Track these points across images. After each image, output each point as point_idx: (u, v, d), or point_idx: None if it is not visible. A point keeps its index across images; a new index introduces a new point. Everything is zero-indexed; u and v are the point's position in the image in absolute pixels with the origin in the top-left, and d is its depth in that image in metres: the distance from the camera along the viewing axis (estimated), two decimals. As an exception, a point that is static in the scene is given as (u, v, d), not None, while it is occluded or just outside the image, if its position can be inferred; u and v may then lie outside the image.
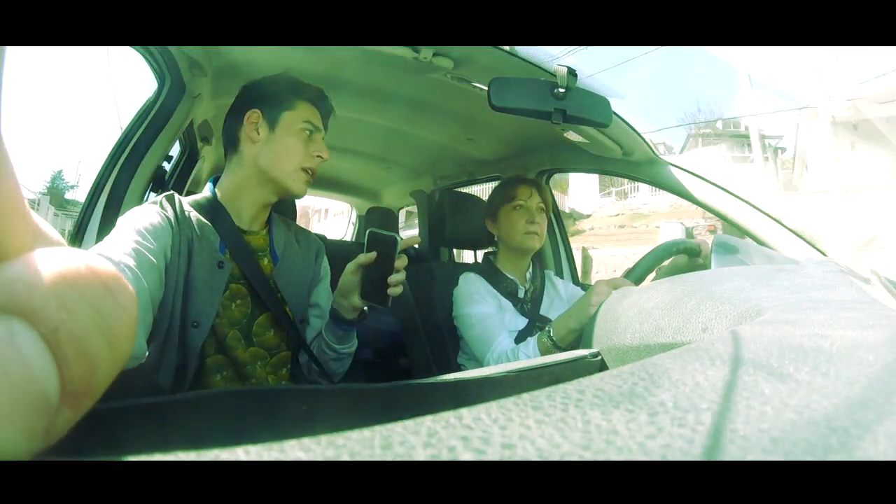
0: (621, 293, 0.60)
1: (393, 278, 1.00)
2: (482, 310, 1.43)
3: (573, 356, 0.54)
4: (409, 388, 0.40)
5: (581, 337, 0.63)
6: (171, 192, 1.09)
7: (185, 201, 1.07)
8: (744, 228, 1.34)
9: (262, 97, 1.11)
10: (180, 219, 1.01)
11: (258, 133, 1.09)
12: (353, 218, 3.96)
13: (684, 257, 1.17)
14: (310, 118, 1.11)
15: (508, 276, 1.54)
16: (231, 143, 1.13)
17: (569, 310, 1.18)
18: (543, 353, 1.19)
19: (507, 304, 1.49)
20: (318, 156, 1.11)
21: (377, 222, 3.03)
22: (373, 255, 1.00)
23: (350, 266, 1.02)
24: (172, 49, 1.20)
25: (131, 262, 0.82)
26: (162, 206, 1.01)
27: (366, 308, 1.08)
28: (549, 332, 1.17)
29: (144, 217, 0.96)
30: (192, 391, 0.96)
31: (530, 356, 1.23)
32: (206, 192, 1.13)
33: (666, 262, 1.21)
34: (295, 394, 0.37)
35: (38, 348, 0.13)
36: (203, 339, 1.00)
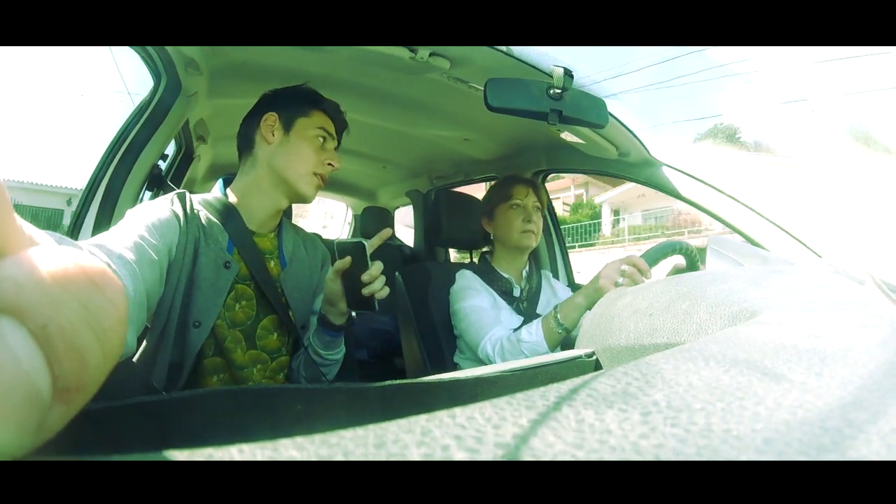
0: (616, 293, 0.60)
1: (369, 287, 0.99)
2: (476, 302, 1.45)
3: (568, 356, 0.54)
4: (404, 388, 0.40)
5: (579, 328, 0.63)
6: (183, 190, 1.10)
7: (196, 200, 1.08)
8: (738, 229, 1.34)
9: (280, 103, 1.13)
10: (189, 217, 1.01)
11: (273, 135, 1.11)
12: (349, 217, 3.96)
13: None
14: (324, 125, 1.13)
15: (504, 274, 1.55)
16: (246, 145, 1.14)
17: (579, 290, 1.20)
18: (547, 333, 1.23)
19: (503, 302, 1.50)
20: (329, 163, 1.12)
21: (373, 222, 3.03)
22: (347, 260, 0.99)
23: (329, 275, 1.02)
24: (168, 47, 1.20)
25: (131, 257, 0.81)
26: (172, 203, 1.02)
27: (354, 314, 1.08)
28: (556, 311, 1.19)
29: (153, 213, 0.96)
30: (187, 390, 0.96)
31: (533, 336, 1.24)
32: (216, 191, 1.14)
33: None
34: (291, 393, 0.37)
35: (27, 345, 0.14)
36: (204, 340, 1.00)
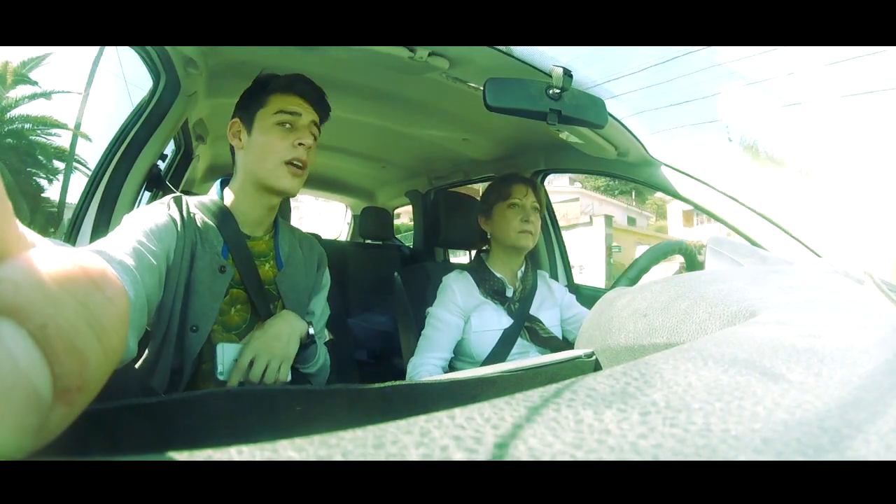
0: (615, 293, 0.60)
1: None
2: (442, 316, 1.46)
3: (568, 356, 0.54)
4: (404, 389, 0.40)
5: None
6: (179, 193, 1.09)
7: (192, 203, 1.08)
8: (737, 229, 1.34)
9: (241, 105, 1.13)
10: (186, 221, 1.01)
11: (240, 140, 1.10)
12: (349, 217, 3.96)
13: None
14: (283, 108, 1.09)
15: (497, 274, 1.54)
16: (231, 155, 1.15)
17: None
18: None
19: (489, 304, 1.49)
20: (299, 144, 1.08)
21: (372, 222, 3.03)
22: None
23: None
24: (168, 47, 1.20)
25: (131, 262, 0.81)
26: (169, 208, 1.01)
27: (311, 331, 1.07)
28: None
29: (151, 218, 0.96)
30: (187, 392, 0.96)
31: None
32: (213, 194, 1.14)
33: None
34: (290, 394, 0.37)
35: (26, 346, 0.13)
36: (202, 344, 1.00)
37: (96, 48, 1.41)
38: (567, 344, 1.46)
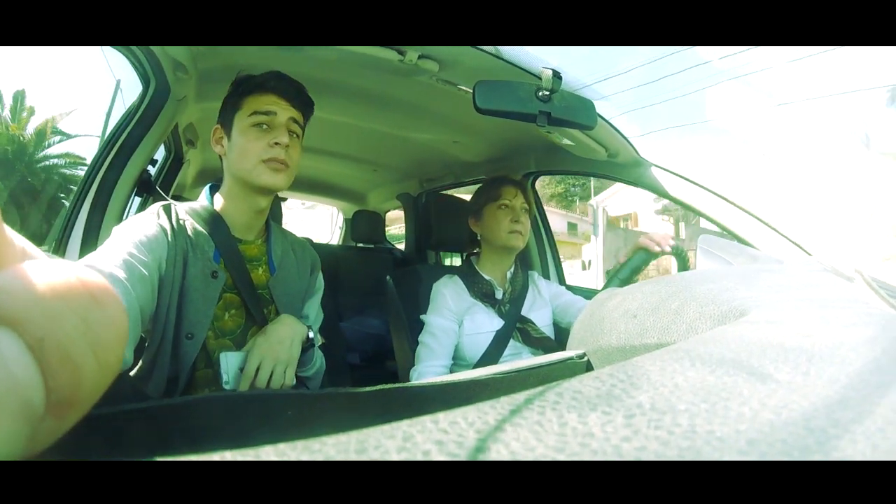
0: (607, 294, 0.60)
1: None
2: (438, 322, 1.46)
3: (560, 357, 0.54)
4: (396, 392, 0.39)
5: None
6: (168, 201, 1.09)
7: (182, 209, 1.07)
8: (728, 228, 1.34)
9: (221, 111, 1.13)
10: (176, 229, 1.01)
11: (222, 146, 1.10)
12: (340, 221, 3.96)
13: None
14: (256, 108, 1.07)
15: (486, 276, 1.55)
16: (220, 160, 1.15)
17: None
18: None
19: (480, 306, 1.50)
20: (275, 143, 1.06)
21: (364, 226, 3.03)
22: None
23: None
24: (157, 50, 1.20)
25: (122, 275, 0.81)
26: (158, 217, 1.01)
27: (311, 335, 1.07)
28: None
29: (140, 228, 0.95)
30: (181, 396, 0.96)
31: None
32: (203, 199, 1.13)
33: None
34: (283, 399, 0.36)
35: (22, 357, 0.14)
36: (197, 352, 1.00)
37: (86, 53, 1.41)
38: (559, 343, 1.46)
